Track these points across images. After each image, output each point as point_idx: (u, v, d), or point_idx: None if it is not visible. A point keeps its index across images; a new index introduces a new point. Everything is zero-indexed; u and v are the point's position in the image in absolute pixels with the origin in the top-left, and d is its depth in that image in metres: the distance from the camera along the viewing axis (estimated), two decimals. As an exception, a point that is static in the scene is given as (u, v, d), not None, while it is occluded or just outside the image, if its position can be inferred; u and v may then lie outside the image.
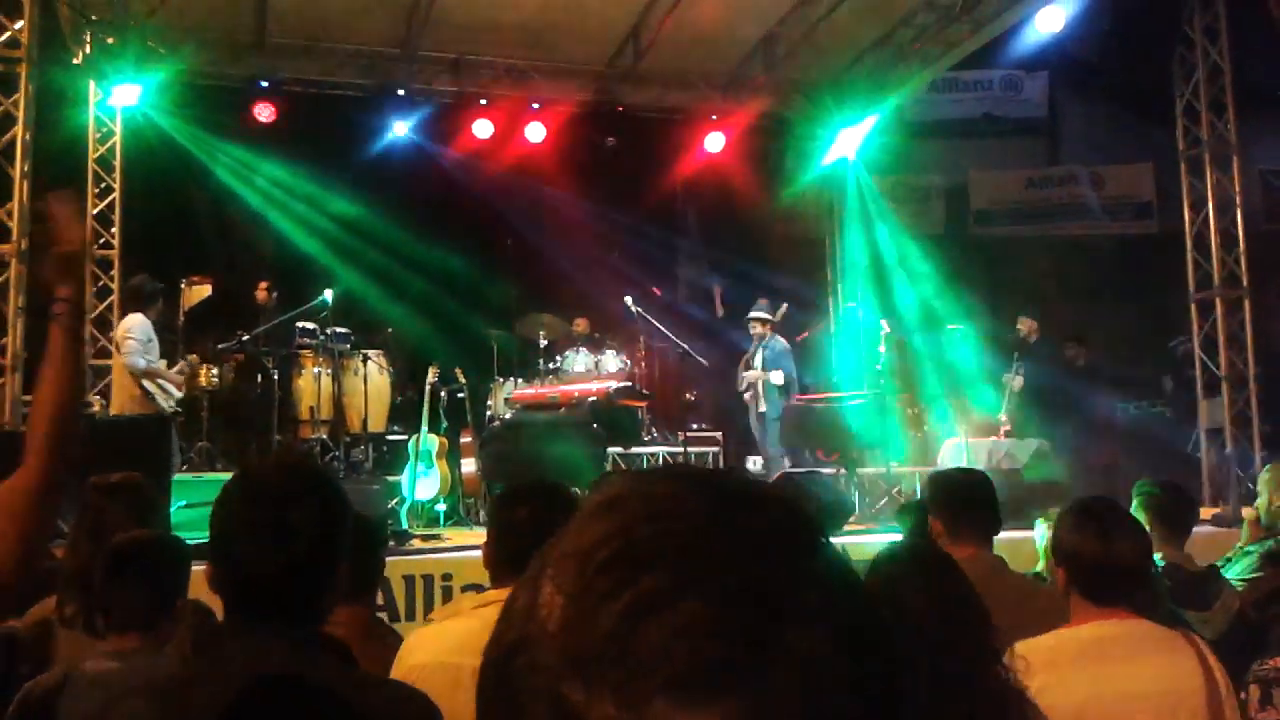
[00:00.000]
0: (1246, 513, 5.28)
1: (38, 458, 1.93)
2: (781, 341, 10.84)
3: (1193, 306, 10.80)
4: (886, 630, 0.60)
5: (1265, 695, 2.69)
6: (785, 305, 11.45)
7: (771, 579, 0.57)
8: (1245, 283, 10.51)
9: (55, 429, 1.98)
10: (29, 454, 1.94)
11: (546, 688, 0.56)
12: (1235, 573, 4.15)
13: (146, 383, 8.43)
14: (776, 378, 10.56)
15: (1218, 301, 10.52)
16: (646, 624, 0.55)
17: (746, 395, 10.91)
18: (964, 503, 3.57)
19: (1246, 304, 10.48)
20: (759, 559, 0.58)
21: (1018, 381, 10.38)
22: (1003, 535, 3.68)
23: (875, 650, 0.58)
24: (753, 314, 10.85)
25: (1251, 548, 4.27)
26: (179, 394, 8.83)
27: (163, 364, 8.70)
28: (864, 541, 7.30)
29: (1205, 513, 8.56)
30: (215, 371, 10.19)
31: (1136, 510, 3.87)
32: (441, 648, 2.50)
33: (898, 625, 0.62)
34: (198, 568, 2.97)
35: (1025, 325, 10.69)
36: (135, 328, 8.44)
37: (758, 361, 10.75)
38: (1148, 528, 3.23)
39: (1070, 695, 2.45)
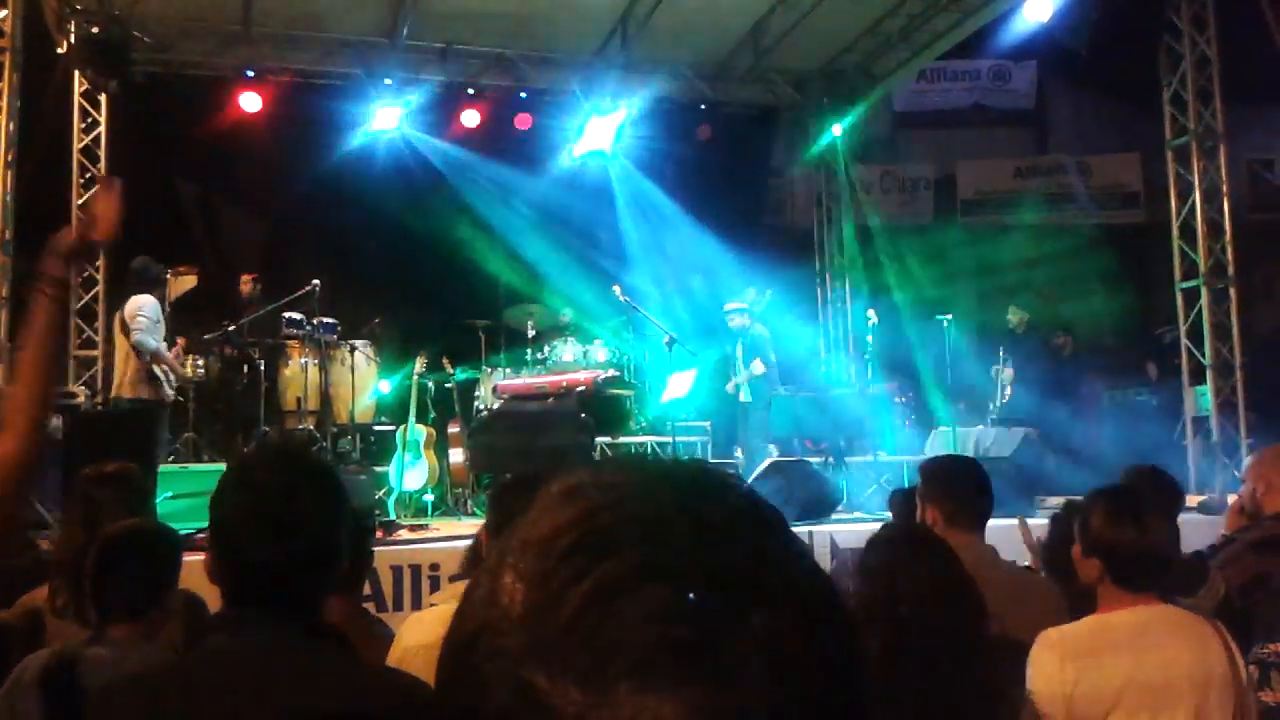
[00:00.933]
0: (1233, 500, 5.31)
1: (23, 431, 1.92)
2: (761, 330, 10.56)
3: (1179, 295, 10.84)
4: (846, 612, 0.61)
5: (1264, 676, 2.72)
6: (769, 291, 11.42)
7: (733, 563, 0.58)
8: (1231, 272, 10.55)
9: (41, 401, 1.97)
10: (10, 428, 1.92)
11: (510, 673, 0.56)
12: (1219, 559, 4.16)
13: (155, 366, 8.35)
14: (757, 368, 10.31)
15: (1204, 290, 10.55)
16: (610, 609, 0.55)
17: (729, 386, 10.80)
18: (957, 490, 3.57)
19: (1233, 293, 10.51)
20: (720, 543, 0.59)
21: (1008, 373, 10.42)
22: (992, 523, 3.68)
23: (837, 631, 0.59)
24: (728, 306, 10.57)
25: (1235, 535, 4.28)
26: (175, 383, 8.78)
27: (164, 346, 8.67)
28: (852, 529, 7.34)
29: (1191, 500, 8.60)
30: (201, 362, 10.16)
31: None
32: (438, 630, 2.51)
33: (890, 607, 0.63)
34: (188, 558, 2.96)
35: (1015, 316, 10.71)
36: (146, 307, 8.31)
37: (737, 357, 10.48)
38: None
39: (1106, 681, 2.50)
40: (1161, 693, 2.52)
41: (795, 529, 0.65)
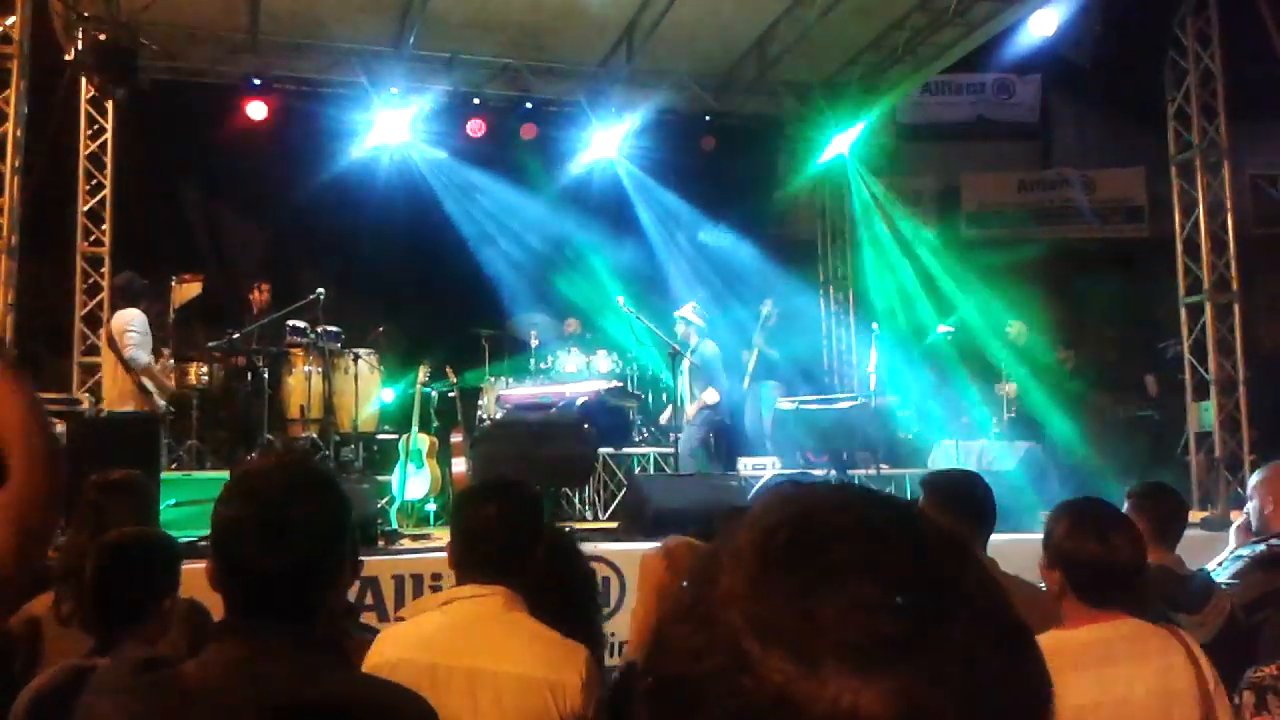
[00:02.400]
0: (1236, 516, 5.30)
1: (36, 465, 1.89)
2: (711, 348, 10.13)
3: (1183, 310, 10.83)
4: (1035, 643, 0.66)
5: (1260, 701, 2.70)
6: (769, 301, 11.39)
7: (941, 574, 0.64)
8: (1235, 287, 10.54)
9: (42, 435, 1.96)
10: (21, 465, 1.89)
11: (726, 641, 0.61)
12: (1225, 577, 4.16)
13: (145, 379, 8.36)
14: (710, 397, 9.93)
15: (1207, 306, 10.55)
16: (826, 594, 0.60)
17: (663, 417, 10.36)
18: (960, 504, 3.57)
19: (1236, 308, 10.50)
20: (929, 555, 0.65)
21: (1010, 387, 10.40)
22: (995, 538, 3.68)
23: (1027, 651, 0.64)
24: (677, 313, 10.26)
25: (1242, 552, 4.27)
26: (164, 395, 8.77)
27: (151, 359, 8.67)
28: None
29: (1194, 516, 8.59)
30: (205, 370, 10.16)
31: (1127, 514, 3.87)
32: (407, 644, 2.52)
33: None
34: (188, 566, 2.96)
35: (1015, 329, 10.69)
36: (135, 321, 8.33)
37: (682, 371, 10.03)
38: (1139, 533, 3.23)
39: (1070, 698, 2.45)
40: (1123, 710, 2.48)
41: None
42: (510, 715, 2.42)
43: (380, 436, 10.43)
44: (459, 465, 9.61)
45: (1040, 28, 10.75)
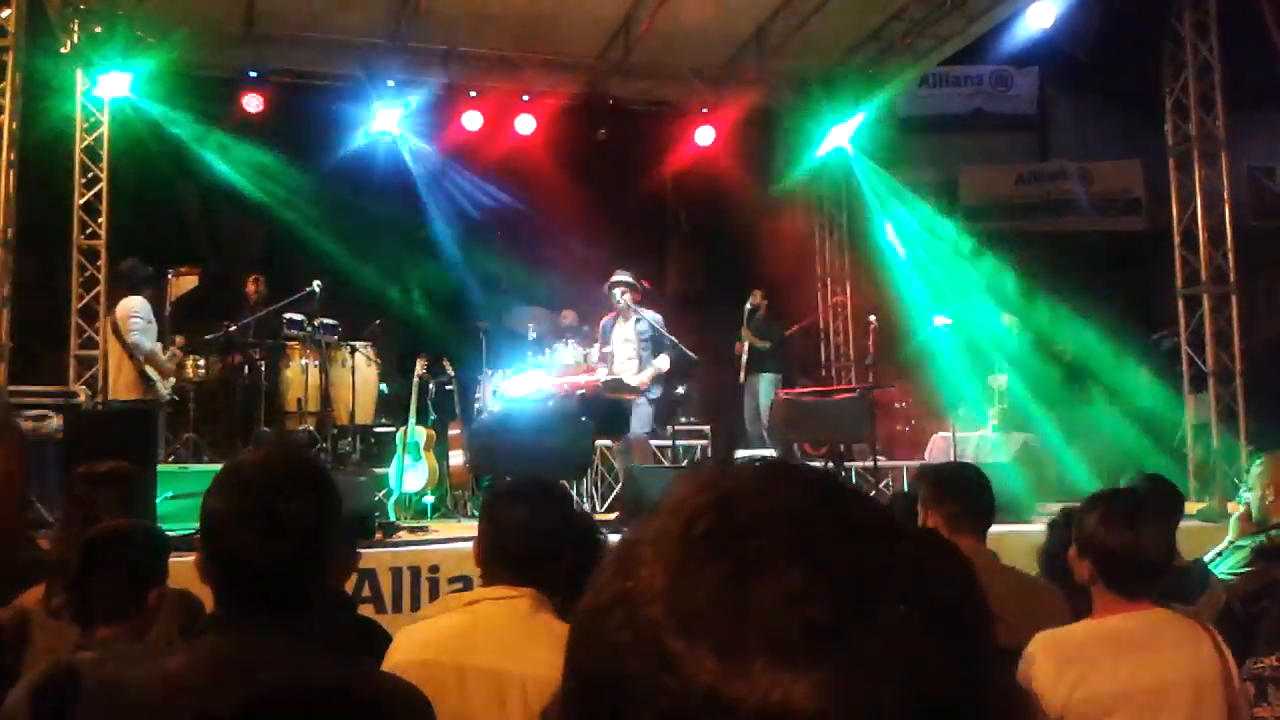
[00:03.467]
0: (1233, 507, 5.30)
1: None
2: (654, 314, 9.54)
3: (1180, 302, 10.83)
4: (975, 623, 0.63)
5: (1260, 692, 2.71)
6: (759, 293, 11.35)
7: (870, 557, 0.61)
8: (1232, 279, 10.54)
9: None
10: None
11: (649, 639, 0.58)
12: (1226, 568, 4.16)
13: (148, 367, 8.35)
14: (664, 364, 9.31)
15: (1205, 297, 10.54)
16: (752, 586, 0.58)
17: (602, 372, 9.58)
18: (960, 496, 3.58)
19: (1233, 300, 10.50)
20: (857, 538, 0.62)
21: (1002, 379, 10.40)
22: (992, 530, 3.68)
23: (966, 638, 0.61)
24: (618, 277, 9.49)
25: (1242, 542, 4.28)
26: (169, 383, 8.77)
27: (158, 347, 8.66)
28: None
29: (1191, 507, 8.59)
30: (202, 363, 10.16)
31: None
32: (430, 644, 2.48)
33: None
34: (177, 559, 2.95)
35: (1007, 321, 10.69)
36: (138, 308, 8.35)
37: (625, 334, 9.42)
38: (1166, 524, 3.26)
39: (1105, 685, 2.51)
40: (1157, 697, 2.53)
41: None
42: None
43: (378, 429, 10.43)
44: (456, 458, 9.61)
45: (1038, 20, 10.74)
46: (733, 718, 0.55)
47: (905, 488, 9.58)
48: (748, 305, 11.32)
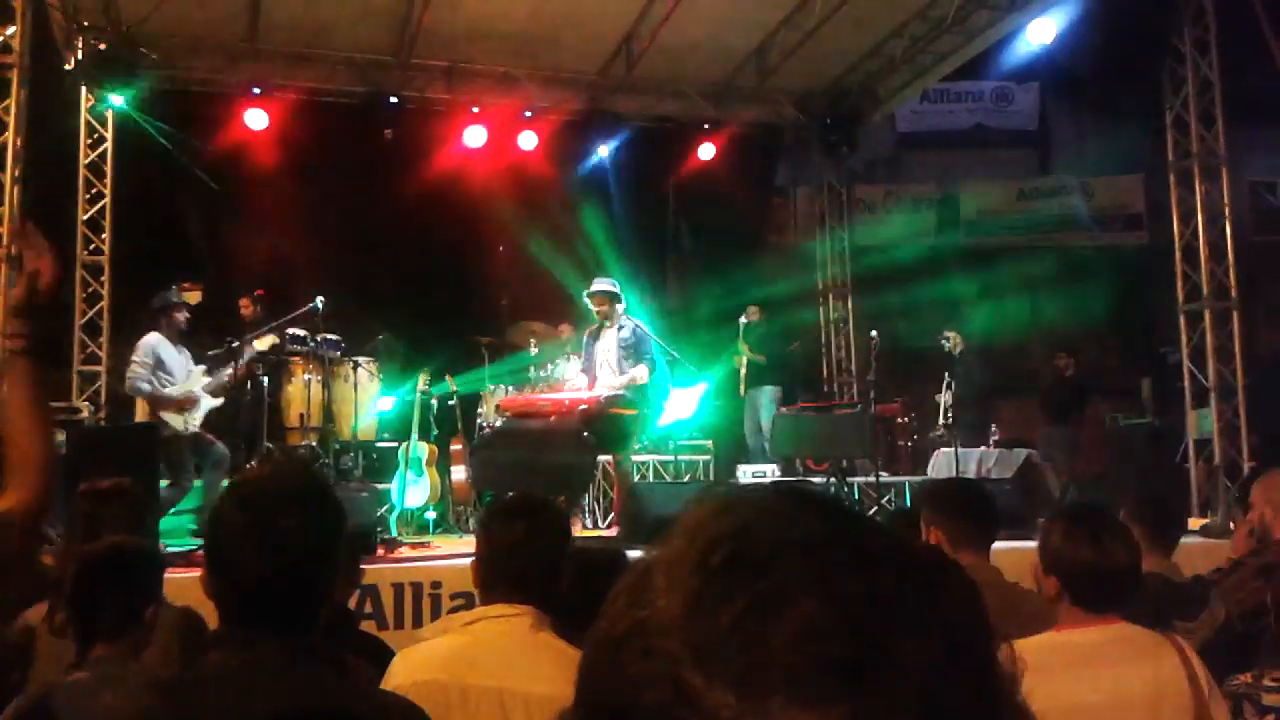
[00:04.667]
0: (1235, 524, 5.29)
1: (33, 481, 1.96)
2: (637, 324, 9.12)
3: (1181, 318, 10.83)
4: (992, 654, 0.63)
5: (1236, 708, 2.70)
6: (754, 308, 11.34)
7: (888, 589, 0.60)
8: (1234, 294, 10.55)
9: (45, 451, 2.01)
10: (20, 479, 1.96)
11: (666, 672, 0.57)
12: (1226, 584, 4.15)
13: (158, 409, 8.23)
14: (642, 375, 8.86)
15: (1206, 313, 10.55)
16: (769, 620, 0.57)
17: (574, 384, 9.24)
18: (963, 512, 3.58)
19: (1235, 315, 10.51)
20: (873, 570, 0.61)
21: (948, 396, 10.37)
22: (995, 546, 3.69)
23: (982, 669, 0.61)
24: (599, 286, 8.98)
25: (1244, 560, 4.27)
26: (183, 421, 8.55)
27: (180, 388, 8.36)
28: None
29: (1194, 523, 8.58)
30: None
31: (1124, 521, 3.88)
32: (432, 665, 2.48)
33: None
34: (180, 575, 2.96)
35: (952, 338, 10.62)
36: (140, 348, 8.19)
37: (607, 344, 8.99)
38: (1135, 538, 3.24)
39: (1057, 699, 2.47)
40: (1111, 713, 2.50)
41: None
42: None
43: (380, 444, 10.43)
44: (459, 473, 9.62)
45: (1039, 36, 10.78)
46: None
47: (909, 503, 9.58)
48: (742, 320, 11.30)
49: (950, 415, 10.51)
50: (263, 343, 8.86)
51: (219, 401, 8.61)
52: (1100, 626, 2.59)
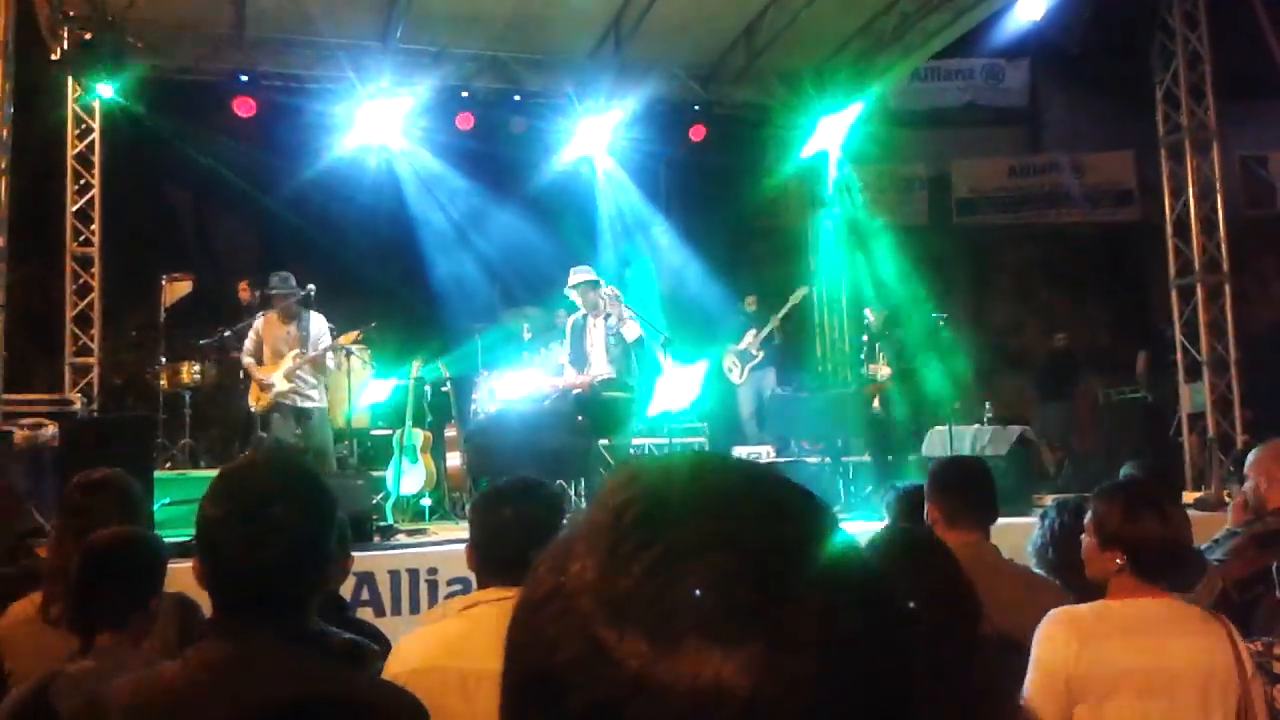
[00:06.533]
0: (1230, 496, 5.30)
1: None
2: (622, 307, 8.86)
3: (1174, 292, 10.85)
4: (895, 597, 0.66)
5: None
6: (752, 298, 11.39)
7: (792, 538, 0.63)
8: (1226, 268, 10.56)
9: None
10: None
11: (580, 630, 0.60)
12: (1220, 553, 4.17)
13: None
14: (631, 331, 8.66)
15: (1198, 287, 10.57)
16: (677, 572, 0.59)
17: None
18: (961, 489, 3.58)
19: (1227, 289, 10.53)
20: (781, 521, 0.64)
21: (884, 370, 10.12)
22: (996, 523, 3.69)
23: (887, 612, 0.64)
24: (579, 278, 8.79)
25: (1238, 530, 4.28)
26: (255, 402, 8.94)
27: (260, 367, 8.91)
28: (850, 531, 7.31)
29: (1188, 497, 8.61)
30: (198, 368, 10.15)
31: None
32: (430, 651, 2.48)
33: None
34: (175, 565, 2.95)
35: (873, 315, 10.46)
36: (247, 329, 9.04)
37: (594, 336, 8.86)
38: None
39: (1113, 663, 2.53)
40: (1162, 680, 2.55)
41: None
42: None
43: (374, 432, 10.42)
44: (453, 460, 9.61)
45: (1028, 12, 10.76)
46: (665, 699, 0.57)
47: (905, 480, 9.58)
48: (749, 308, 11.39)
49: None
50: (347, 338, 8.96)
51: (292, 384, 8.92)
52: (1150, 599, 2.64)
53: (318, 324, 8.97)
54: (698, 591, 0.58)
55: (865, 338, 10.12)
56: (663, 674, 0.57)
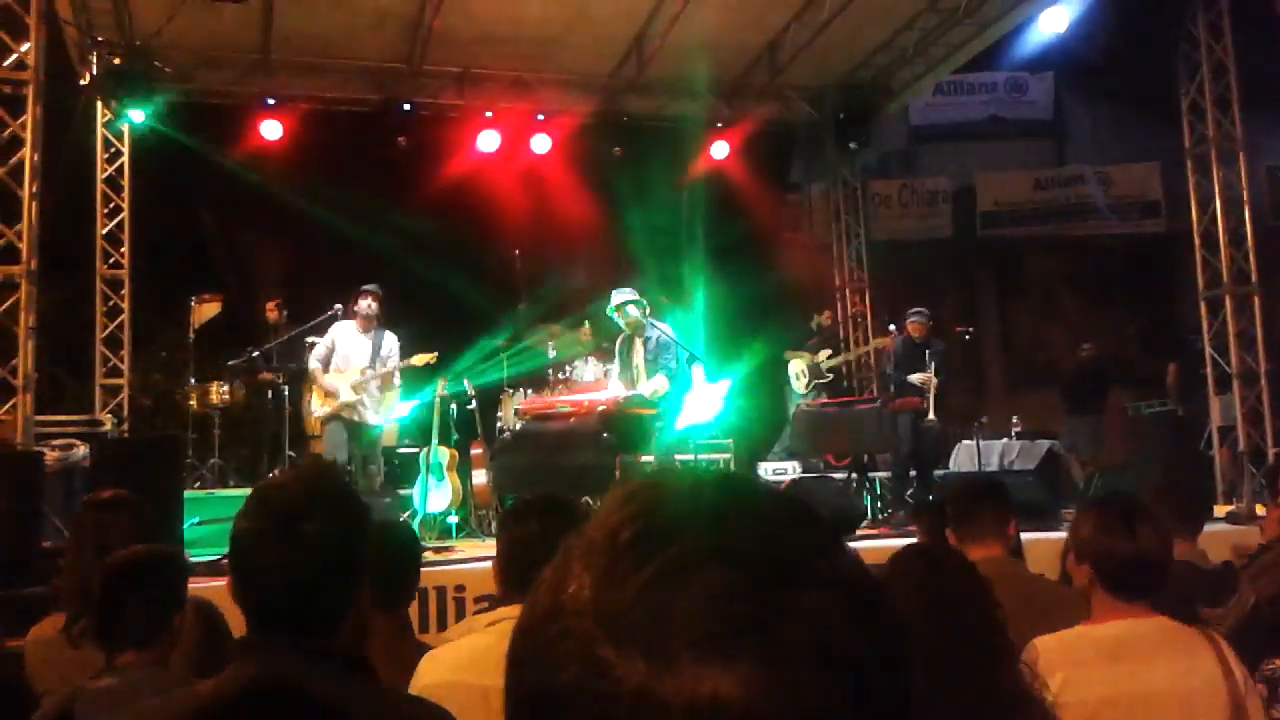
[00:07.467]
0: (1262, 509, 5.25)
1: None
2: (663, 328, 8.94)
3: (1202, 304, 10.77)
4: (890, 604, 0.65)
5: (1274, 693, 2.68)
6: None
7: (786, 550, 0.63)
8: (1254, 279, 10.48)
9: None
10: None
11: (579, 650, 0.60)
12: (1255, 568, 4.13)
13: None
14: (663, 385, 8.65)
15: (1227, 299, 10.49)
16: (674, 589, 0.60)
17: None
18: (977, 505, 3.57)
19: (1256, 300, 10.44)
20: (772, 534, 0.64)
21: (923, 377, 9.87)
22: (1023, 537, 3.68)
23: (883, 620, 0.64)
24: (620, 299, 8.83)
25: (1273, 543, 4.25)
26: (321, 408, 8.90)
27: (329, 377, 8.82)
28: (877, 546, 7.28)
29: (1219, 510, 8.53)
30: (227, 388, 10.22)
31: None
32: (456, 666, 2.49)
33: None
34: (207, 583, 2.97)
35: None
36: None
37: (637, 354, 8.92)
38: (1165, 526, 3.24)
39: (1089, 692, 2.46)
40: (1144, 706, 2.49)
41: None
42: None
43: (401, 450, 10.46)
44: (479, 477, 9.63)
45: (1051, 25, 10.73)
46: (664, 716, 0.57)
47: (930, 497, 9.54)
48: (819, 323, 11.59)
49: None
50: (421, 359, 9.01)
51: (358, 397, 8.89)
52: (1134, 619, 2.59)
53: (389, 341, 8.99)
54: (692, 608, 0.59)
55: (892, 349, 10.05)
56: (661, 691, 0.57)
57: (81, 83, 10.27)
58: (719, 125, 12.45)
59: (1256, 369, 10.33)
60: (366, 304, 8.90)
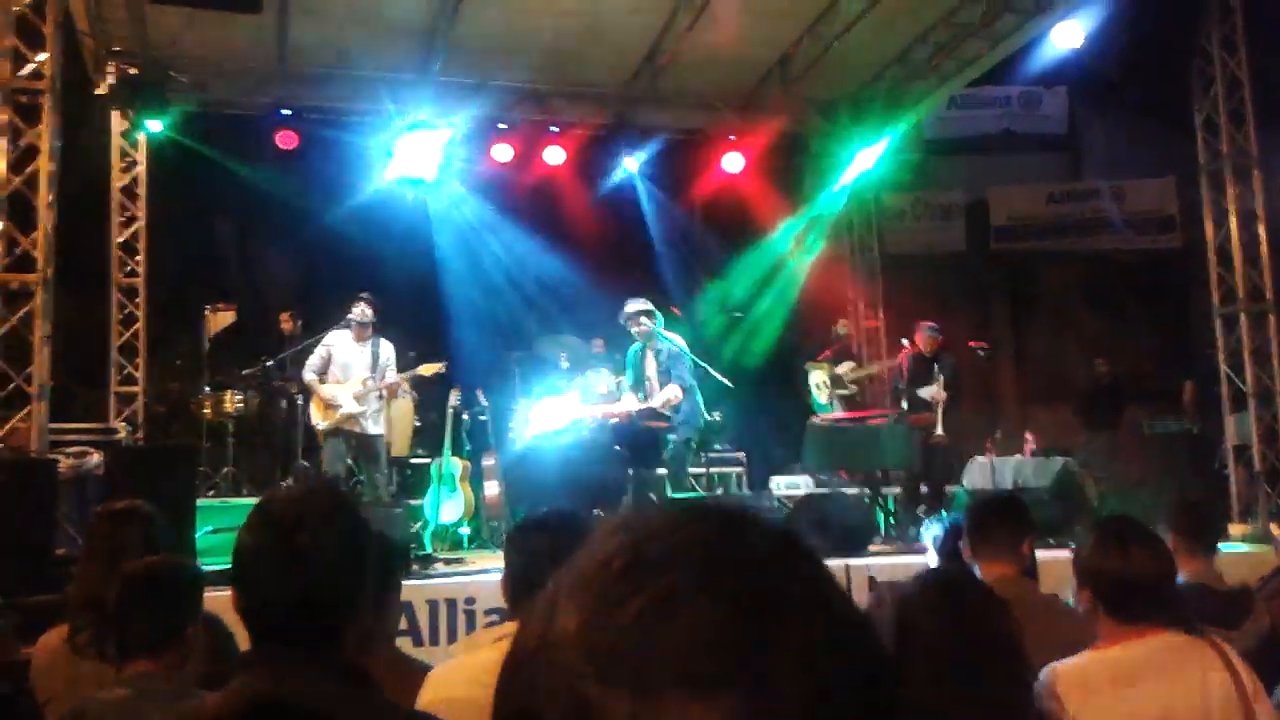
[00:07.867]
0: (1275, 530, 5.22)
1: None
2: (675, 340, 8.92)
3: (1217, 321, 10.71)
4: (875, 634, 0.66)
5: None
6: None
7: (770, 582, 0.63)
8: (1269, 296, 10.42)
9: None
10: None
11: (565, 685, 0.60)
12: (1271, 589, 4.10)
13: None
14: (676, 395, 8.65)
15: (1242, 316, 10.43)
16: (659, 624, 0.60)
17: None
18: (993, 521, 3.55)
19: (1271, 318, 10.38)
20: (757, 566, 0.65)
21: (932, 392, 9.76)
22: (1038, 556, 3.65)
23: (866, 649, 0.64)
24: (634, 308, 8.82)
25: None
26: (322, 422, 8.81)
27: (328, 388, 8.76)
28: (889, 563, 7.24)
29: (1234, 530, 8.48)
30: (241, 398, 10.24)
31: (1162, 528, 3.83)
32: (463, 681, 2.48)
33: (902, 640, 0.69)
34: (216, 594, 2.97)
35: (926, 341, 10.10)
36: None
37: (650, 364, 8.91)
38: (1173, 545, 3.22)
39: (1105, 717, 2.44)
40: None
41: (831, 563, 0.72)
42: None
43: (413, 461, 10.47)
44: (491, 488, 9.64)
45: (1065, 40, 10.71)
46: None
47: (943, 514, 9.50)
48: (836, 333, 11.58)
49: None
50: (427, 369, 8.99)
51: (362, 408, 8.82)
52: (1140, 640, 2.57)
53: (386, 350, 8.95)
54: (678, 641, 0.59)
55: (903, 363, 9.97)
56: None
57: (98, 92, 10.33)
58: (732, 137, 12.46)
59: (1272, 387, 10.26)
60: (360, 310, 8.82)
